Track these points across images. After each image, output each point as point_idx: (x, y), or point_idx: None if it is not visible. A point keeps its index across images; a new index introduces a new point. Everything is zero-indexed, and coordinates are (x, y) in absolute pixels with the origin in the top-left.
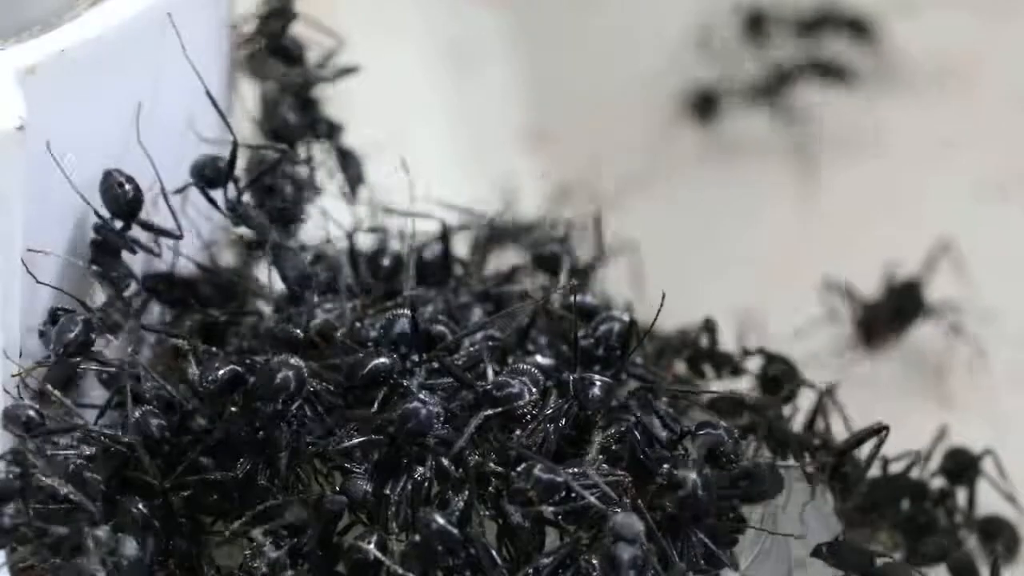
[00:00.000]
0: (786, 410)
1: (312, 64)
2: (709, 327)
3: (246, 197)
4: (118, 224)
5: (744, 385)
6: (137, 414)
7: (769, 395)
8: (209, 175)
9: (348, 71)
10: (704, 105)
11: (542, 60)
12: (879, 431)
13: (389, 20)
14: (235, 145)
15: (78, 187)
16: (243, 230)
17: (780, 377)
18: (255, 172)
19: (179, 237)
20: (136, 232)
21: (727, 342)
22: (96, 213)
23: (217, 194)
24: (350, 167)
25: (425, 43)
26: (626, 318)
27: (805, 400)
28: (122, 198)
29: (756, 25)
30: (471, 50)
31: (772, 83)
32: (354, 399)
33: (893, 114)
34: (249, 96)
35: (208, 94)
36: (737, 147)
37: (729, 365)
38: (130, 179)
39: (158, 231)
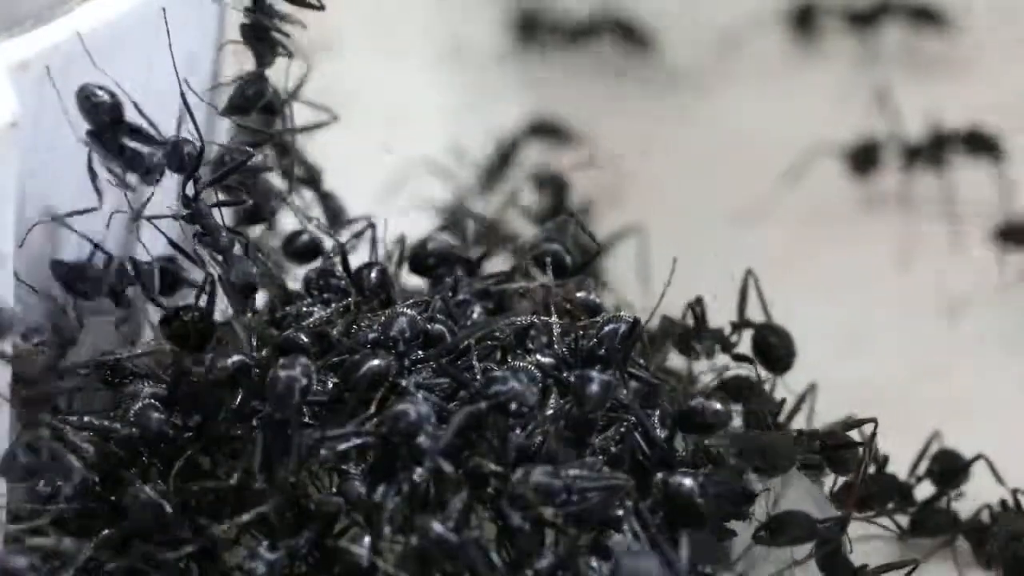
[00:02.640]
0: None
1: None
2: (698, 304)
3: (205, 195)
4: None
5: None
6: (137, 407)
7: (764, 365)
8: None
9: (322, 124)
10: (864, 157)
11: (542, 59)
12: (867, 421)
13: (389, 19)
14: (202, 149)
15: (74, 182)
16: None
17: (774, 347)
18: (218, 172)
19: (164, 143)
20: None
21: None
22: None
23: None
24: (331, 209)
25: (425, 42)
26: (631, 319)
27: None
28: (102, 108)
29: (806, 19)
30: (472, 48)
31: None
32: (351, 400)
33: None
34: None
35: (182, 96)
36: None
37: (719, 341)
38: (103, 88)
39: (146, 137)
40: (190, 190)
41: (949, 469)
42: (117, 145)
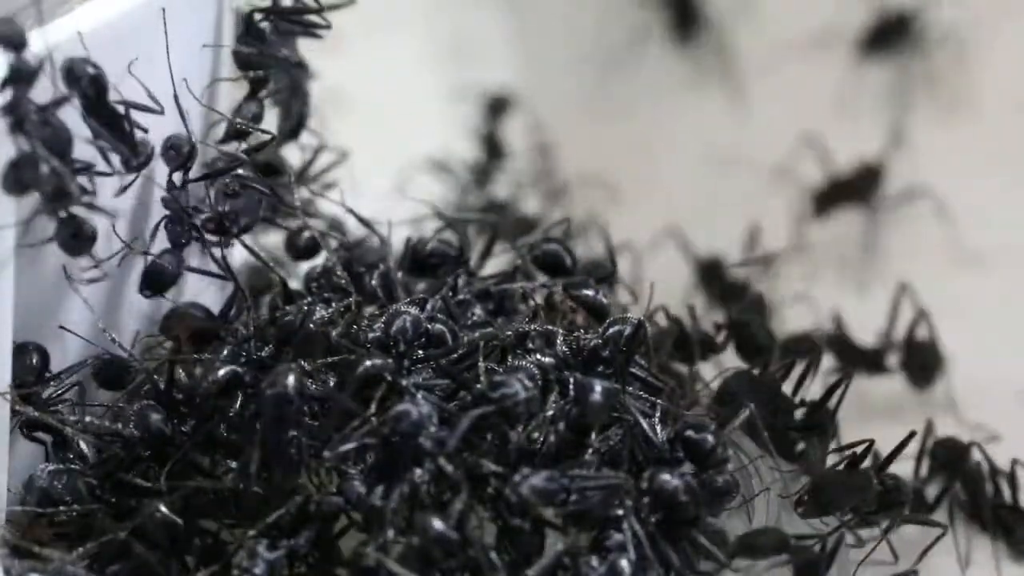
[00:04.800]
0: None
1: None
2: (691, 309)
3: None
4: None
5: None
6: (136, 408)
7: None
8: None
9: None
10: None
11: (542, 57)
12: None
13: (389, 18)
14: (193, 148)
15: None
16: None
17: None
18: (209, 170)
19: (161, 112)
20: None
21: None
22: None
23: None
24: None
25: (425, 40)
26: (636, 321)
27: None
28: (84, 80)
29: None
30: (470, 47)
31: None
32: (350, 400)
33: None
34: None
35: (175, 99)
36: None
37: (705, 343)
38: (87, 60)
39: (136, 106)
40: (178, 179)
41: (953, 457)
42: (108, 118)
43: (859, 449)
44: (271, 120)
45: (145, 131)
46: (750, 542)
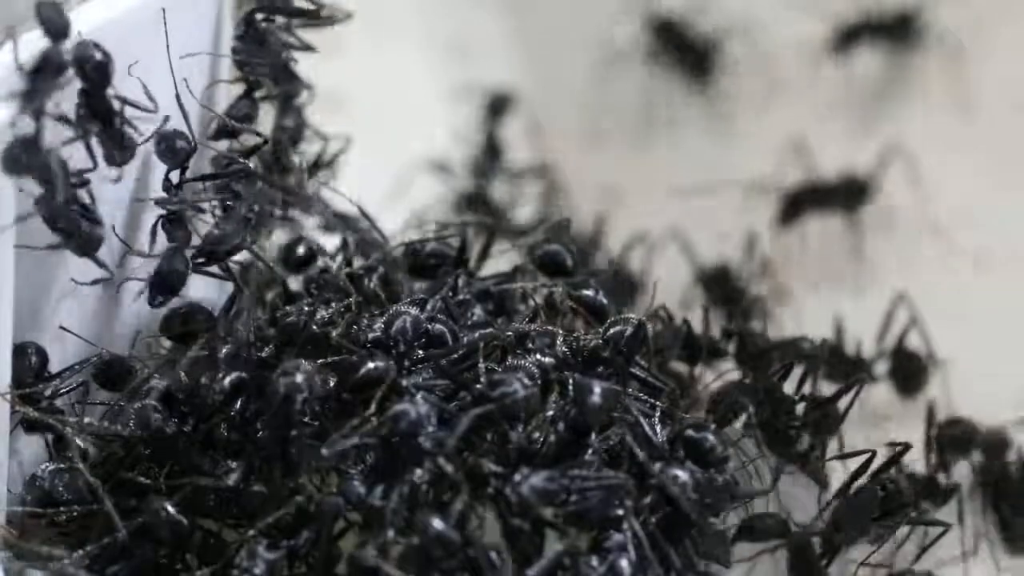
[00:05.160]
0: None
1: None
2: (705, 312)
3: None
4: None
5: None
6: (136, 406)
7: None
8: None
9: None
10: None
11: (542, 57)
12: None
13: (388, 18)
14: (193, 148)
15: None
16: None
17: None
18: (209, 171)
19: (153, 111)
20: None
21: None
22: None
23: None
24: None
25: (425, 40)
26: (636, 321)
27: None
28: (90, 65)
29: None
30: (470, 47)
31: None
32: (350, 400)
33: None
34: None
35: (177, 99)
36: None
37: (711, 347)
38: (98, 46)
39: (132, 104)
40: (175, 178)
41: (960, 438)
42: (103, 111)
43: (861, 461)
44: (269, 121)
45: (133, 129)
46: (751, 525)
